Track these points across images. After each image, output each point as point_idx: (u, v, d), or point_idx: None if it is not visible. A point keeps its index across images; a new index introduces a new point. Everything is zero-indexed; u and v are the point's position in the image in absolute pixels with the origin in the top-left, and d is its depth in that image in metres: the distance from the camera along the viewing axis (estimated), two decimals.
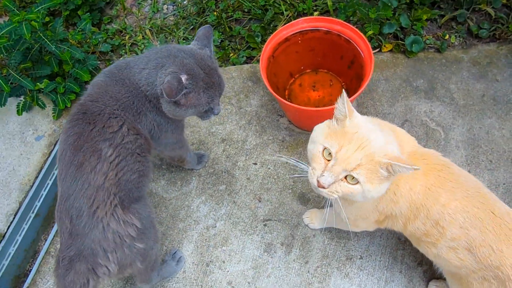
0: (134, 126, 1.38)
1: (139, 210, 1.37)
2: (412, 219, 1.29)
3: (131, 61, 1.41)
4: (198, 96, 1.34)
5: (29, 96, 2.08)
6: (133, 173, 1.35)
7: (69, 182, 1.27)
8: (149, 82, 1.34)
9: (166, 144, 1.58)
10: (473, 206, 1.20)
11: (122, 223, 1.29)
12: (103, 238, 1.27)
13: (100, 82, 1.41)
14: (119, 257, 1.31)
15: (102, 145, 1.29)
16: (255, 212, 1.81)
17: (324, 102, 2.00)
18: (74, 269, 1.27)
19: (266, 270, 1.69)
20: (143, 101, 1.38)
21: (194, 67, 1.32)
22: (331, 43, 1.89)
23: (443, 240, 1.25)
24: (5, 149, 2.06)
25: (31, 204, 1.92)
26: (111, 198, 1.28)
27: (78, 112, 1.34)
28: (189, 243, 1.77)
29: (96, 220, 1.26)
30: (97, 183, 1.26)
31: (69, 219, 1.27)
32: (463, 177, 1.25)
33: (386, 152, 1.07)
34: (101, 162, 1.27)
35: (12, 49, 1.96)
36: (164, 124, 1.47)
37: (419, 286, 1.61)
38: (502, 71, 2.06)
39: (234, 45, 2.33)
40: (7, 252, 1.81)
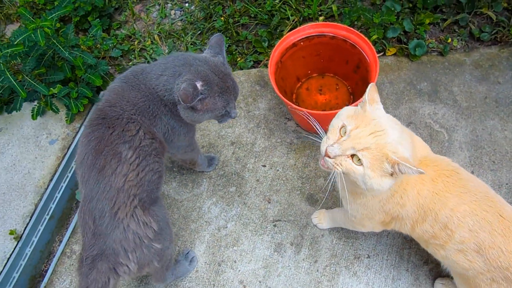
0: (150, 130, 1.43)
1: (156, 211, 1.42)
2: (420, 222, 1.32)
3: (147, 67, 1.47)
4: (214, 101, 1.40)
5: (43, 101, 2.13)
6: (154, 173, 1.42)
7: (91, 185, 1.33)
8: (166, 89, 1.40)
9: (179, 147, 1.63)
10: (481, 209, 1.23)
11: (142, 224, 1.35)
12: (124, 238, 1.33)
13: (117, 87, 1.46)
14: (139, 256, 1.36)
15: (121, 148, 1.34)
16: (264, 213, 1.87)
17: (330, 105, 2.05)
18: (96, 268, 1.32)
19: (277, 269, 1.74)
20: (158, 105, 1.44)
21: (208, 73, 1.38)
22: (337, 48, 1.94)
23: (452, 242, 1.28)
24: (20, 152, 2.11)
25: (46, 206, 1.97)
26: (131, 199, 1.34)
27: (98, 117, 1.40)
28: (201, 244, 1.83)
29: (117, 221, 1.32)
30: (118, 185, 1.32)
31: (92, 220, 1.33)
32: (472, 182, 1.28)
33: (397, 150, 1.12)
34: (121, 165, 1.33)
35: (26, 55, 2.02)
36: (177, 127, 1.52)
37: (425, 285, 1.66)
38: (503, 74, 2.11)
39: (241, 50, 2.39)
40: (24, 252, 1.87)
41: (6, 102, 2.22)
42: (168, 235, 1.49)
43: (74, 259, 1.87)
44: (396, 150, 1.12)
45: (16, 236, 1.88)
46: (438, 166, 1.30)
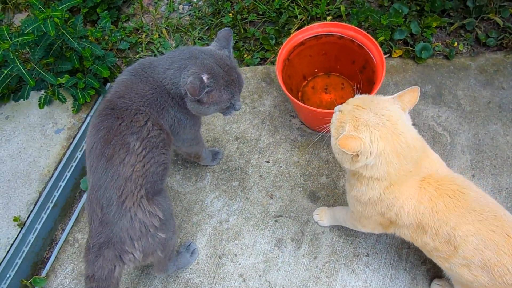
0: (158, 122, 1.46)
1: (161, 202, 1.45)
2: (420, 234, 1.33)
3: (155, 61, 1.49)
4: (220, 94, 1.42)
5: (50, 90, 2.15)
6: (159, 165, 1.44)
7: (100, 173, 1.35)
8: (173, 82, 1.42)
9: (184, 140, 1.65)
10: (487, 229, 1.21)
11: (148, 213, 1.37)
12: (130, 227, 1.35)
13: (126, 80, 1.48)
14: (144, 245, 1.39)
15: (130, 139, 1.36)
16: (266, 208, 1.89)
17: (335, 104, 2.06)
18: (103, 256, 1.35)
19: (276, 264, 1.76)
20: (166, 98, 1.46)
21: (214, 66, 1.40)
22: (344, 47, 1.96)
23: (455, 257, 1.27)
24: (26, 140, 2.13)
25: (50, 195, 2.00)
26: (138, 189, 1.36)
27: (107, 108, 1.42)
28: (203, 236, 1.85)
29: (124, 210, 1.34)
30: (126, 175, 1.34)
31: (100, 208, 1.35)
32: (478, 202, 1.26)
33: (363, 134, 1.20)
34: (129, 155, 1.35)
35: (35, 45, 2.03)
36: (183, 120, 1.54)
37: (422, 284, 1.68)
38: (508, 79, 2.13)
39: (248, 46, 2.40)
40: (27, 239, 1.89)
41: (14, 91, 2.24)
42: (171, 225, 1.52)
43: (76, 247, 1.89)
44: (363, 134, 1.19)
45: (20, 223, 1.90)
46: (442, 185, 1.28)
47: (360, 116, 1.21)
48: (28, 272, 1.87)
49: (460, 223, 1.23)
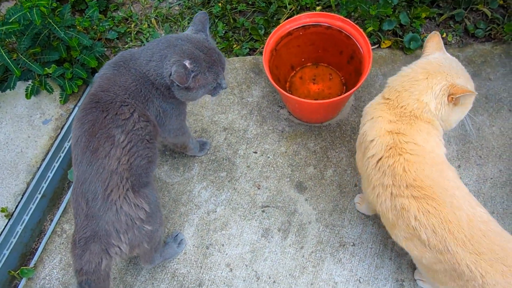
0: (144, 113, 1.46)
1: (148, 194, 1.45)
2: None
3: (135, 53, 1.49)
4: (205, 76, 1.44)
5: (37, 80, 2.14)
6: (143, 159, 1.43)
7: (84, 167, 1.34)
8: (157, 73, 1.43)
9: (170, 131, 1.65)
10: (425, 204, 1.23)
11: (134, 206, 1.37)
12: (116, 220, 1.35)
13: (108, 74, 1.48)
14: (130, 238, 1.39)
15: (115, 132, 1.36)
16: (254, 199, 1.89)
17: (323, 95, 2.07)
18: (89, 250, 1.35)
19: (263, 254, 1.78)
20: (150, 89, 1.47)
21: (193, 51, 1.42)
22: (332, 38, 1.95)
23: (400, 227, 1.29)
24: (13, 131, 2.12)
25: (38, 185, 1.99)
26: (123, 182, 1.35)
27: (91, 102, 1.41)
28: (190, 227, 1.85)
29: (110, 203, 1.34)
30: (111, 168, 1.33)
31: (85, 202, 1.34)
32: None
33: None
34: (114, 148, 1.34)
35: (21, 34, 2.01)
36: (169, 110, 1.55)
37: (407, 273, 1.69)
38: (495, 70, 2.13)
39: (237, 37, 2.39)
40: (15, 230, 1.89)
41: (0, 81, 2.22)
42: (158, 217, 1.52)
43: (64, 238, 1.90)
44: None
45: (7, 214, 1.90)
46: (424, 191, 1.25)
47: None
48: (16, 263, 1.87)
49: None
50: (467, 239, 1.17)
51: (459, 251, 1.17)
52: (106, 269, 1.40)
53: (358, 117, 2.05)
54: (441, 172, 1.27)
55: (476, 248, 1.16)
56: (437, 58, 1.40)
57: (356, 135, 2.00)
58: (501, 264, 1.15)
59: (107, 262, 1.39)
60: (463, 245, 1.17)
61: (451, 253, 1.18)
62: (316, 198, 1.87)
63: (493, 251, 1.16)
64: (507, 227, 1.73)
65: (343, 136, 2.01)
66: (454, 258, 1.18)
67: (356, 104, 2.09)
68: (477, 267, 1.15)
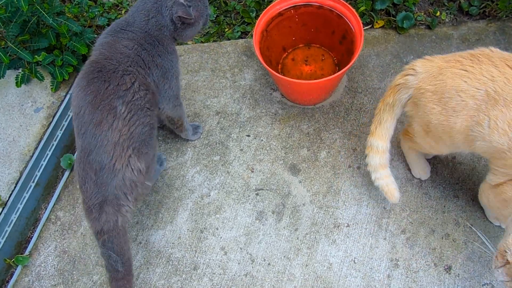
0: (145, 81, 1.52)
1: (149, 151, 1.56)
2: None
3: (129, 18, 1.59)
4: (198, 7, 1.59)
5: (28, 68, 2.12)
6: (144, 126, 1.51)
7: (89, 139, 1.43)
8: (161, 27, 1.56)
9: (170, 98, 1.69)
10: None
11: (136, 172, 1.49)
12: (123, 185, 1.47)
13: (108, 41, 1.55)
14: (135, 195, 1.53)
15: (116, 103, 1.43)
16: (247, 182, 1.89)
17: (316, 76, 2.05)
18: (105, 212, 1.47)
19: (258, 237, 1.77)
20: (151, 47, 1.55)
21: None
22: (323, 18, 1.93)
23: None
24: (5, 120, 2.11)
25: (32, 174, 1.98)
26: (125, 151, 1.45)
27: (94, 70, 1.47)
28: (184, 211, 1.85)
29: (115, 171, 1.44)
30: (114, 140, 1.43)
31: (94, 172, 1.44)
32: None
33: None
34: (116, 120, 1.43)
35: (9, 21, 1.99)
36: (170, 69, 1.63)
37: (401, 253, 1.69)
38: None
39: (229, 20, 2.36)
40: (10, 219, 1.89)
41: None
42: (153, 166, 1.65)
43: (59, 225, 1.90)
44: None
45: (1, 202, 1.90)
46: None
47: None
48: (12, 252, 1.87)
49: None
50: None
51: None
52: (123, 225, 1.53)
53: (351, 98, 2.04)
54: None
55: None
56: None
57: (349, 116, 1.99)
58: None
59: (122, 219, 1.52)
60: None
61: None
62: (310, 180, 1.87)
63: None
64: None
65: (336, 118, 1.99)
66: None
67: (349, 85, 2.07)
68: None
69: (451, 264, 1.64)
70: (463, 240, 1.68)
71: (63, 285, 1.76)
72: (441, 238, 1.69)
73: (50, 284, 1.77)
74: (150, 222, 1.84)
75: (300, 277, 1.68)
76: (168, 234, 1.81)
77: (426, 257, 1.66)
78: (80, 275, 1.77)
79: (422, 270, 1.64)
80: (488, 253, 1.31)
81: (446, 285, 1.61)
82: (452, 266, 1.64)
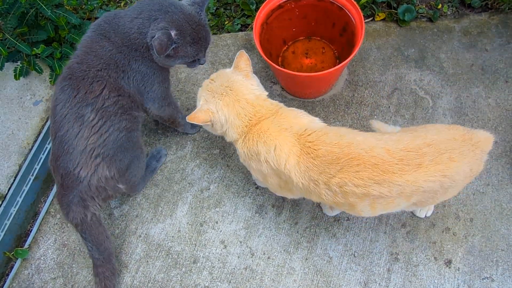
0: (117, 86, 1.48)
1: (124, 159, 1.55)
2: (306, 193, 1.37)
3: (121, 12, 1.50)
4: (185, 50, 1.46)
5: (26, 61, 2.10)
6: (120, 132, 1.50)
7: (57, 145, 1.46)
8: (141, 32, 1.44)
9: (154, 100, 1.64)
10: (353, 172, 1.21)
11: (103, 179, 1.50)
12: (88, 190, 1.50)
13: (87, 39, 1.51)
14: (104, 197, 1.56)
15: (85, 110, 1.43)
16: (247, 176, 1.88)
17: (316, 69, 2.04)
18: (72, 210, 1.53)
19: (257, 230, 1.77)
20: (129, 51, 1.47)
21: (183, 23, 1.42)
22: (324, 10, 1.91)
23: (358, 205, 1.27)
24: (4, 113, 2.10)
25: (31, 167, 1.98)
26: (92, 160, 1.46)
27: (65, 77, 1.47)
28: (184, 205, 1.84)
29: (80, 178, 1.47)
30: (80, 149, 1.44)
31: (60, 176, 1.50)
32: (331, 154, 1.25)
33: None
34: (83, 128, 1.43)
35: (7, 13, 1.97)
36: (150, 75, 1.56)
37: (401, 246, 1.69)
38: (491, 41, 2.09)
39: (229, 13, 2.34)
40: (9, 212, 1.88)
41: None
42: (135, 168, 1.64)
43: (58, 219, 1.89)
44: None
45: (1, 196, 1.89)
46: (302, 142, 1.30)
47: (211, 89, 1.40)
48: (11, 245, 1.87)
49: (328, 179, 1.25)
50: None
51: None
52: (94, 218, 1.58)
53: (352, 91, 2.02)
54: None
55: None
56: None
57: (350, 110, 1.98)
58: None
59: (91, 214, 1.57)
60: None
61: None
62: None
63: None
64: (502, 198, 1.72)
65: (336, 111, 1.98)
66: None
67: (350, 78, 2.05)
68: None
69: (451, 258, 1.64)
70: (463, 234, 1.68)
71: (62, 278, 1.76)
72: (441, 232, 1.69)
73: (49, 277, 1.77)
74: (150, 215, 1.84)
75: (300, 271, 1.67)
76: (167, 228, 1.80)
77: (426, 251, 1.66)
78: (79, 268, 1.77)
79: (422, 264, 1.64)
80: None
81: (446, 279, 1.60)
82: (452, 260, 1.64)
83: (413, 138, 1.24)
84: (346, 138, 1.28)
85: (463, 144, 1.23)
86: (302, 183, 1.31)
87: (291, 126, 1.35)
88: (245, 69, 1.44)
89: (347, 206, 1.32)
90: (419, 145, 1.21)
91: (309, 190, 1.32)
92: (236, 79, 1.41)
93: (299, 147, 1.30)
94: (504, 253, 1.63)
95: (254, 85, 1.44)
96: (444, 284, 1.60)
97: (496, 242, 1.65)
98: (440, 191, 1.25)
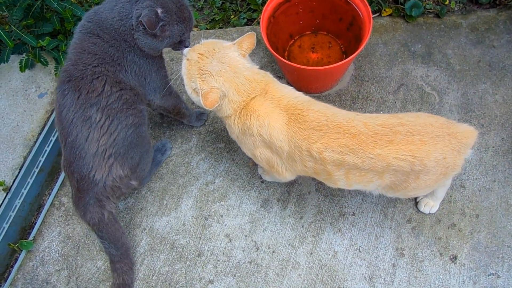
0: (117, 79, 1.47)
1: (135, 155, 1.54)
2: (291, 162, 1.44)
3: (100, 7, 1.49)
4: (172, 28, 1.45)
5: (32, 53, 2.10)
6: (128, 129, 1.49)
7: (69, 150, 1.45)
8: (122, 17, 1.42)
9: (155, 90, 1.64)
10: (333, 139, 1.31)
11: (118, 179, 1.50)
12: (103, 191, 1.50)
13: (75, 41, 1.49)
14: (118, 195, 1.59)
15: (90, 112, 1.42)
16: (252, 169, 1.88)
17: (322, 63, 2.03)
18: (89, 211, 1.54)
19: (262, 224, 1.77)
20: (118, 44, 1.46)
21: (167, 1, 1.42)
22: (331, 4, 1.90)
23: (334, 173, 1.37)
24: (9, 105, 2.10)
25: (35, 160, 1.98)
26: (105, 161, 1.46)
27: (64, 81, 1.45)
28: (189, 198, 1.84)
29: (95, 181, 1.46)
30: (92, 151, 1.43)
31: (75, 180, 1.49)
32: (317, 121, 1.34)
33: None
34: (92, 131, 1.42)
35: (13, 5, 1.97)
36: (145, 64, 1.55)
37: (407, 242, 1.68)
38: (499, 37, 2.08)
39: (235, 7, 2.34)
40: (13, 204, 1.88)
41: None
42: (144, 163, 1.63)
43: (63, 211, 1.89)
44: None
45: (5, 187, 1.89)
46: (291, 112, 1.38)
47: (205, 68, 1.36)
48: (15, 237, 1.87)
49: (309, 144, 1.34)
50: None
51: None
52: (110, 216, 1.58)
53: (358, 86, 2.01)
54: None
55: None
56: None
57: (356, 105, 1.97)
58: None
59: (108, 214, 1.57)
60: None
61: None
62: None
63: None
64: (508, 195, 1.72)
65: (342, 106, 1.98)
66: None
67: (356, 73, 2.05)
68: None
69: (457, 253, 1.64)
70: (469, 230, 1.67)
71: (67, 271, 1.76)
72: (447, 227, 1.68)
73: (54, 269, 1.77)
74: (155, 208, 1.84)
75: (304, 265, 1.67)
76: (172, 221, 1.80)
77: (432, 246, 1.66)
78: (84, 261, 1.77)
79: (428, 260, 1.63)
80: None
81: (452, 274, 1.60)
82: (457, 256, 1.63)
83: (390, 117, 1.33)
84: (332, 109, 1.39)
85: (437, 130, 1.29)
86: (288, 151, 1.39)
87: (282, 99, 1.41)
88: (245, 50, 1.43)
89: (325, 175, 1.40)
90: (394, 123, 1.30)
91: (294, 158, 1.40)
92: (233, 55, 1.40)
93: (289, 116, 1.37)
94: (510, 250, 1.62)
95: (248, 63, 1.45)
96: (449, 280, 1.59)
97: (502, 238, 1.64)
98: (412, 175, 1.31)
